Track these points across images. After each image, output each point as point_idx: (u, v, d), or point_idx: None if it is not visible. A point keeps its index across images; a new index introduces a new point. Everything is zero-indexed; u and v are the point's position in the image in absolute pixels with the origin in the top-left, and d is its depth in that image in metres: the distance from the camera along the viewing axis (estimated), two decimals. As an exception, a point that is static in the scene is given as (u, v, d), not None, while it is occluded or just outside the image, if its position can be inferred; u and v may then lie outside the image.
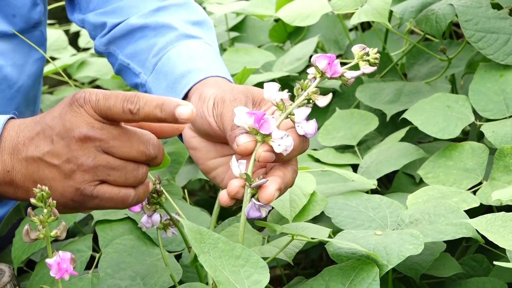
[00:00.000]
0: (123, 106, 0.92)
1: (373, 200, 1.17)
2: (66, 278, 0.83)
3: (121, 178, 0.94)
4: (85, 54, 2.33)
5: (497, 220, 0.99)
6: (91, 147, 0.92)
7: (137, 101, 0.92)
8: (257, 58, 1.74)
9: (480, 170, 1.26)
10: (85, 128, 0.92)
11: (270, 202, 0.95)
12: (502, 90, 1.33)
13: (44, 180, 0.94)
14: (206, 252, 0.85)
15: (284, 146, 0.94)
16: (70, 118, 0.93)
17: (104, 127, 0.93)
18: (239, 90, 1.04)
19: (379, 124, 1.52)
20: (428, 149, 1.41)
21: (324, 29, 1.90)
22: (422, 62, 1.64)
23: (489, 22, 1.37)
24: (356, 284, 0.95)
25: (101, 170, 0.93)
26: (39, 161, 0.94)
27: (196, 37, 1.24)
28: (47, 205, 0.85)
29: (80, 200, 0.95)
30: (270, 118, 0.94)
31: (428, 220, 1.08)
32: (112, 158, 0.93)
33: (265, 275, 0.87)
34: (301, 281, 1.23)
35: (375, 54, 0.97)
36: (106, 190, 0.94)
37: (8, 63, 1.30)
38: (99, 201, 0.95)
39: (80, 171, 0.93)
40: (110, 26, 1.31)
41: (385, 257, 0.98)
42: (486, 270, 1.20)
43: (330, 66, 0.95)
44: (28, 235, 0.85)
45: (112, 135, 0.93)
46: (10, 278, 1.30)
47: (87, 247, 1.25)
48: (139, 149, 0.93)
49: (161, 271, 1.09)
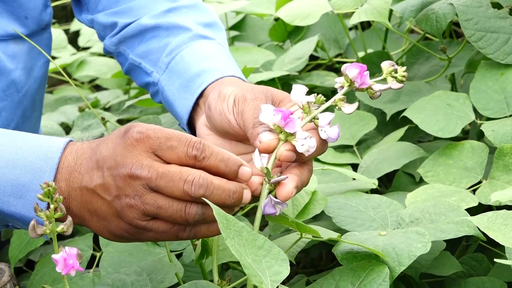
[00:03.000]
0: (187, 150, 0.91)
1: (373, 199, 1.17)
2: (73, 274, 0.83)
3: (169, 217, 0.92)
4: (85, 53, 2.33)
5: (498, 218, 1.00)
6: (138, 185, 0.91)
7: (203, 148, 0.91)
8: (257, 57, 1.74)
9: (480, 169, 1.26)
10: (134, 166, 0.91)
11: (288, 200, 0.96)
12: (503, 88, 1.33)
13: (98, 211, 0.94)
14: (231, 238, 0.85)
15: (307, 147, 0.96)
16: (122, 153, 0.92)
17: (152, 165, 0.91)
18: (259, 89, 1.05)
19: (379, 123, 1.53)
20: (428, 148, 1.42)
21: (324, 28, 1.91)
22: (422, 62, 1.64)
23: (489, 22, 1.37)
24: (366, 285, 0.95)
25: (149, 208, 0.91)
26: (93, 193, 0.93)
27: (210, 38, 1.26)
28: (53, 201, 0.84)
29: (134, 233, 0.94)
30: (296, 118, 0.95)
31: (429, 219, 1.08)
32: (160, 196, 0.91)
33: (285, 267, 0.87)
34: (301, 279, 1.23)
35: (403, 72, 0.98)
36: (160, 225, 0.93)
37: (18, 66, 1.30)
38: (153, 234, 0.94)
39: (129, 208, 0.92)
40: (121, 26, 1.31)
41: (396, 258, 0.99)
42: (486, 269, 1.20)
43: (361, 76, 0.97)
44: (34, 230, 0.85)
45: (157, 174, 0.90)
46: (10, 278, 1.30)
47: (87, 246, 1.25)
48: (180, 189, 0.90)
49: (167, 267, 1.09)
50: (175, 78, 1.21)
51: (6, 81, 1.28)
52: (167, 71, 1.23)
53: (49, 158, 0.95)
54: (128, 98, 2.05)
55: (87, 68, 2.14)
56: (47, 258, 1.28)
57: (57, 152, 0.96)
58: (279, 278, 0.86)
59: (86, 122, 1.83)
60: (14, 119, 1.32)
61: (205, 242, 1.07)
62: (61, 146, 0.96)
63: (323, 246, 1.44)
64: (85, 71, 2.14)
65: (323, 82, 1.74)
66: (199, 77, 1.16)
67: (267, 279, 0.85)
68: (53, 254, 0.84)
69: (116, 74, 2.06)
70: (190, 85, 1.17)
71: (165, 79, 1.23)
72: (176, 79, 1.21)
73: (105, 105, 2.05)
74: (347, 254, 1.01)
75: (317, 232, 1.02)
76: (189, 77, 1.18)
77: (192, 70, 1.18)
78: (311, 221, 1.25)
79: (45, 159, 0.95)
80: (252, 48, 1.79)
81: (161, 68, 1.25)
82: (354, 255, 1.01)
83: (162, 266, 1.10)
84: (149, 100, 1.68)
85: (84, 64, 2.15)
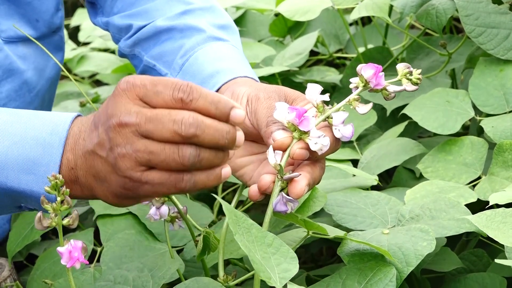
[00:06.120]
0: (173, 94, 0.89)
1: (372, 196, 1.17)
2: (78, 266, 0.83)
3: (163, 163, 0.89)
4: (85, 48, 2.33)
5: (497, 216, 1.00)
6: (128, 132, 0.89)
7: (190, 91, 0.89)
8: (257, 52, 1.74)
9: (479, 165, 1.26)
10: (122, 114, 0.89)
11: (300, 197, 0.96)
12: (502, 85, 1.33)
13: (99, 173, 0.92)
14: (241, 234, 0.85)
15: (321, 145, 0.96)
16: (111, 105, 0.91)
17: (140, 111, 0.89)
18: (272, 89, 1.05)
19: (379, 119, 1.53)
20: (428, 143, 1.42)
21: (324, 23, 1.91)
22: (422, 57, 1.64)
23: (490, 17, 1.37)
24: (372, 284, 0.95)
25: (141, 156, 0.89)
26: (93, 154, 0.92)
27: (223, 40, 1.26)
28: (60, 193, 0.84)
29: (132, 188, 0.91)
30: (310, 117, 0.96)
31: (429, 216, 1.09)
32: (150, 142, 0.88)
33: (294, 265, 0.87)
34: (301, 275, 1.23)
35: (418, 74, 0.98)
36: (155, 175, 0.90)
37: (30, 67, 1.30)
38: (150, 187, 0.90)
39: (121, 159, 0.89)
40: (135, 28, 1.32)
41: (403, 259, 0.99)
42: (486, 265, 1.21)
43: (376, 76, 0.97)
44: (40, 223, 0.85)
45: (145, 118, 0.88)
46: (10, 273, 1.31)
47: (88, 240, 1.25)
48: (170, 129, 0.88)
49: (168, 263, 1.09)
50: (189, 79, 1.21)
51: (19, 81, 1.29)
52: (181, 73, 1.24)
53: (57, 132, 0.95)
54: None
55: (88, 63, 2.14)
56: (48, 253, 1.29)
57: (65, 125, 0.96)
58: (287, 276, 0.86)
59: (87, 117, 1.83)
60: None
61: (206, 238, 1.07)
62: (69, 120, 0.96)
63: (323, 242, 1.44)
64: (86, 66, 2.14)
65: (324, 78, 1.75)
66: (213, 78, 1.17)
67: (275, 275, 0.85)
68: (57, 247, 0.84)
69: (116, 69, 2.06)
70: (203, 86, 1.16)
71: None
72: (190, 80, 1.20)
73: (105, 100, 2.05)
74: (353, 256, 1.01)
75: (325, 230, 1.02)
76: (203, 78, 1.18)
77: (206, 71, 1.19)
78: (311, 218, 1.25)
79: (54, 133, 0.95)
80: (252, 44, 1.80)
81: (175, 69, 1.25)
82: (360, 257, 1.01)
83: (163, 262, 1.10)
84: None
85: (85, 59, 2.15)
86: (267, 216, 0.97)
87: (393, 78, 1.00)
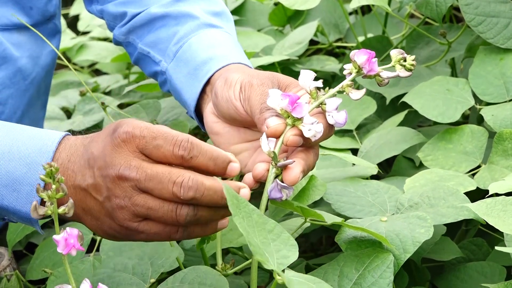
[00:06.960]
0: (173, 150, 0.90)
1: (371, 185, 1.17)
2: (74, 253, 0.83)
3: (160, 218, 0.90)
4: (85, 37, 2.33)
5: (497, 204, 1.00)
6: (127, 186, 0.90)
7: (190, 147, 0.90)
8: (256, 41, 1.74)
9: (479, 154, 1.26)
10: (122, 167, 0.89)
11: (294, 184, 0.96)
12: (502, 73, 1.33)
13: (91, 210, 0.93)
14: (240, 217, 0.85)
15: (314, 132, 0.96)
16: (110, 153, 0.90)
17: (140, 166, 0.89)
18: (265, 75, 1.05)
19: (379, 107, 1.53)
20: (428, 132, 1.42)
21: (324, 12, 1.90)
22: (422, 46, 1.64)
23: (489, 6, 1.37)
24: (370, 271, 0.95)
25: (139, 210, 0.90)
26: (85, 192, 0.93)
27: (217, 26, 1.25)
28: (55, 181, 0.84)
29: (127, 234, 0.93)
30: (303, 103, 0.95)
31: (428, 204, 1.09)
32: (150, 198, 0.90)
33: (293, 252, 0.87)
34: (301, 263, 1.23)
35: (412, 60, 0.98)
36: (152, 226, 0.92)
37: (24, 54, 1.30)
38: (145, 236, 0.92)
39: (119, 210, 0.91)
40: (130, 16, 1.32)
41: (400, 246, 0.99)
42: (486, 253, 1.21)
43: (369, 62, 0.97)
44: (36, 211, 0.85)
45: (146, 176, 0.89)
46: (9, 262, 1.31)
47: (87, 229, 1.25)
48: (169, 191, 0.89)
49: (168, 251, 1.09)
50: (182, 66, 1.21)
51: (13, 68, 1.29)
52: (175, 60, 1.23)
53: (44, 151, 0.94)
54: (127, 83, 2.05)
55: (87, 52, 2.14)
56: (47, 242, 1.29)
57: (52, 145, 0.95)
58: (286, 262, 0.86)
59: (87, 107, 1.83)
60: (20, 107, 1.32)
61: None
62: (56, 140, 0.95)
63: (323, 231, 1.44)
64: (85, 56, 2.14)
65: (323, 67, 1.74)
66: (206, 65, 1.16)
67: (274, 261, 0.85)
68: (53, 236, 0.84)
69: (115, 58, 2.06)
70: (197, 73, 1.17)
71: (172, 67, 1.23)
72: (183, 67, 1.21)
73: (105, 90, 2.05)
74: (350, 244, 1.01)
75: (322, 217, 1.02)
76: (196, 65, 1.18)
77: (199, 57, 1.18)
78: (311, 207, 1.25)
79: (40, 153, 0.94)
80: (252, 33, 1.79)
81: (169, 56, 1.25)
82: (358, 244, 1.01)
83: (163, 251, 1.10)
84: (149, 86, 1.68)
85: (84, 49, 2.15)
86: (262, 204, 0.96)
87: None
